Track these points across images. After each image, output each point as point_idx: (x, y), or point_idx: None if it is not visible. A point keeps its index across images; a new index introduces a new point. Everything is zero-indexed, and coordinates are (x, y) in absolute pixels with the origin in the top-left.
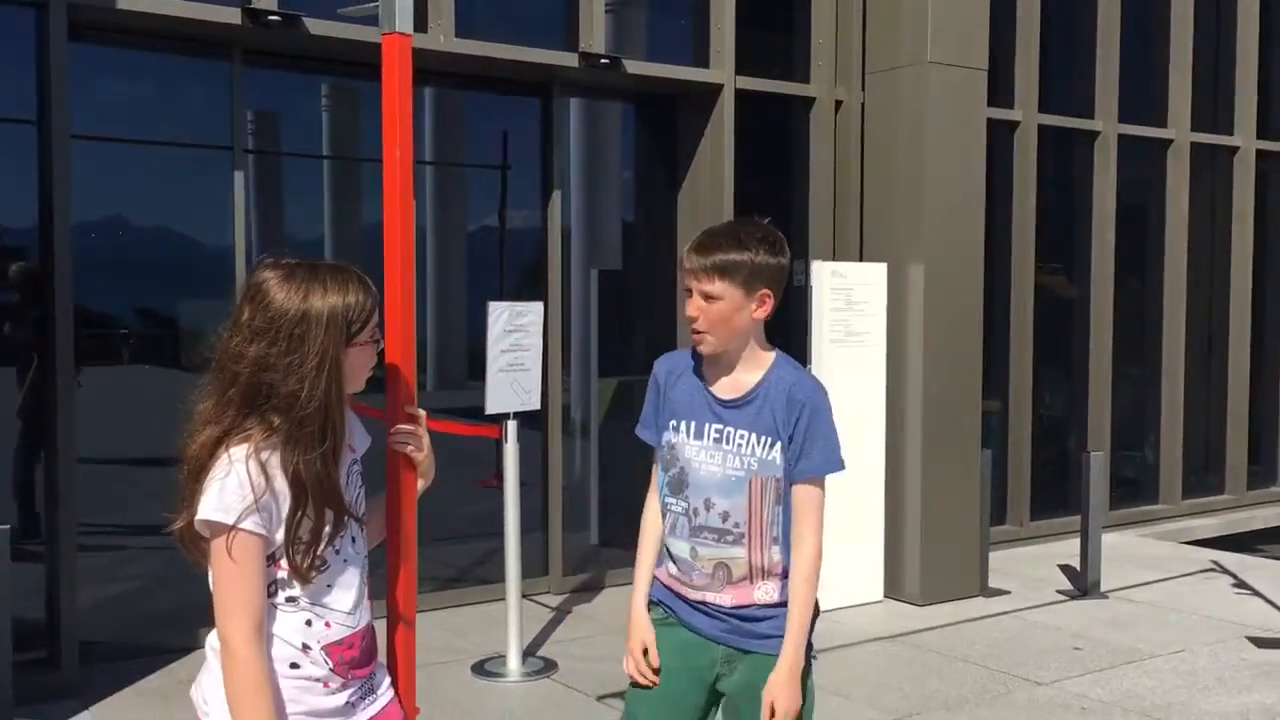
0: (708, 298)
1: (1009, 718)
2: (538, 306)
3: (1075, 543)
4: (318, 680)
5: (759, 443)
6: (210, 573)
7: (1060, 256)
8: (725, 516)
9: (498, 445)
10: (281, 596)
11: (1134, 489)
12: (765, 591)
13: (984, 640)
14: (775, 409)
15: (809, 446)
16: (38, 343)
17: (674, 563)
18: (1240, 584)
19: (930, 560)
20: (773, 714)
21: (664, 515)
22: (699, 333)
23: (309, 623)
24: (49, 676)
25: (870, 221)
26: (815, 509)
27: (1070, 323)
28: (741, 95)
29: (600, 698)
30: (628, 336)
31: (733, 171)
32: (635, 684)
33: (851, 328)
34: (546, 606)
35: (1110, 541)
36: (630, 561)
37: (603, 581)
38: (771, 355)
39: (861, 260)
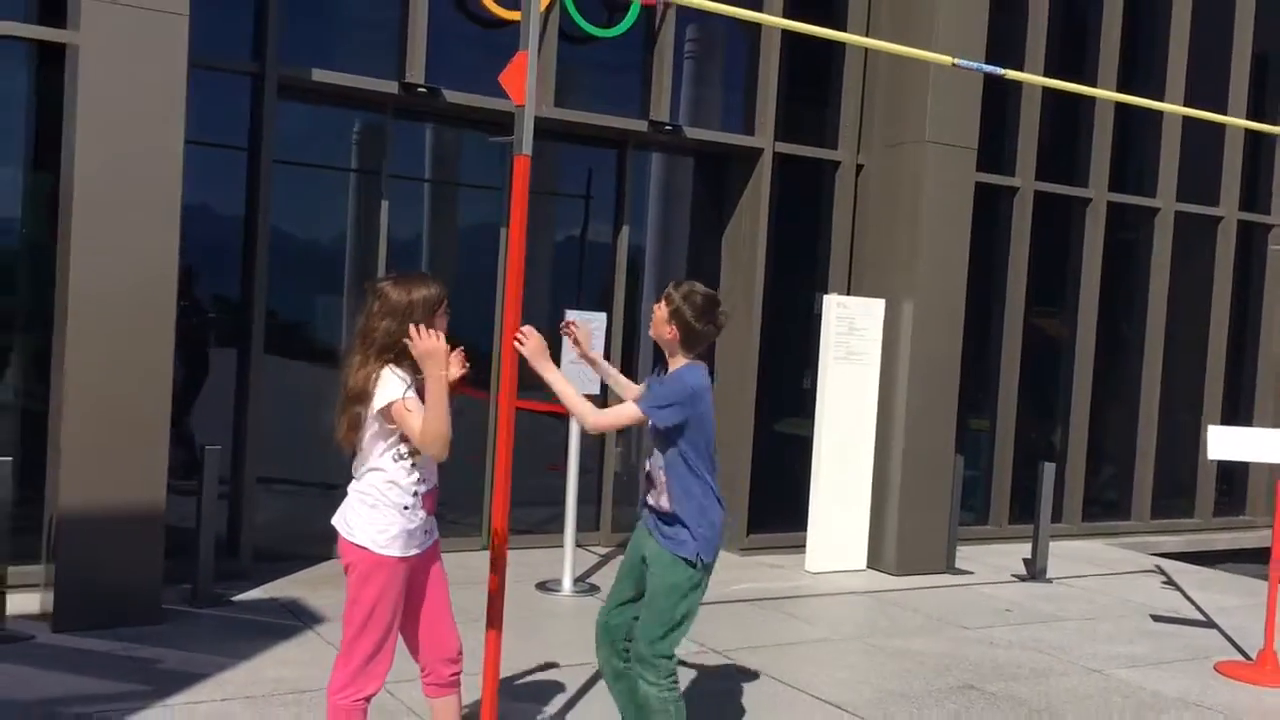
0: (655, 310)
1: (933, 645)
2: (601, 316)
3: (1049, 544)
4: (414, 510)
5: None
6: (381, 441)
7: (1052, 301)
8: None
9: (564, 439)
10: (406, 461)
11: (1110, 506)
12: (661, 502)
13: (936, 600)
14: (655, 382)
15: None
16: (238, 332)
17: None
18: (1170, 583)
19: (906, 540)
20: None
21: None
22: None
23: (417, 479)
24: (232, 565)
25: (874, 264)
26: (624, 412)
27: (1058, 357)
28: (779, 157)
29: None
30: None
31: (768, 219)
32: None
33: (852, 349)
34: (596, 553)
35: (1078, 546)
36: None
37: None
38: (685, 360)
39: (865, 295)
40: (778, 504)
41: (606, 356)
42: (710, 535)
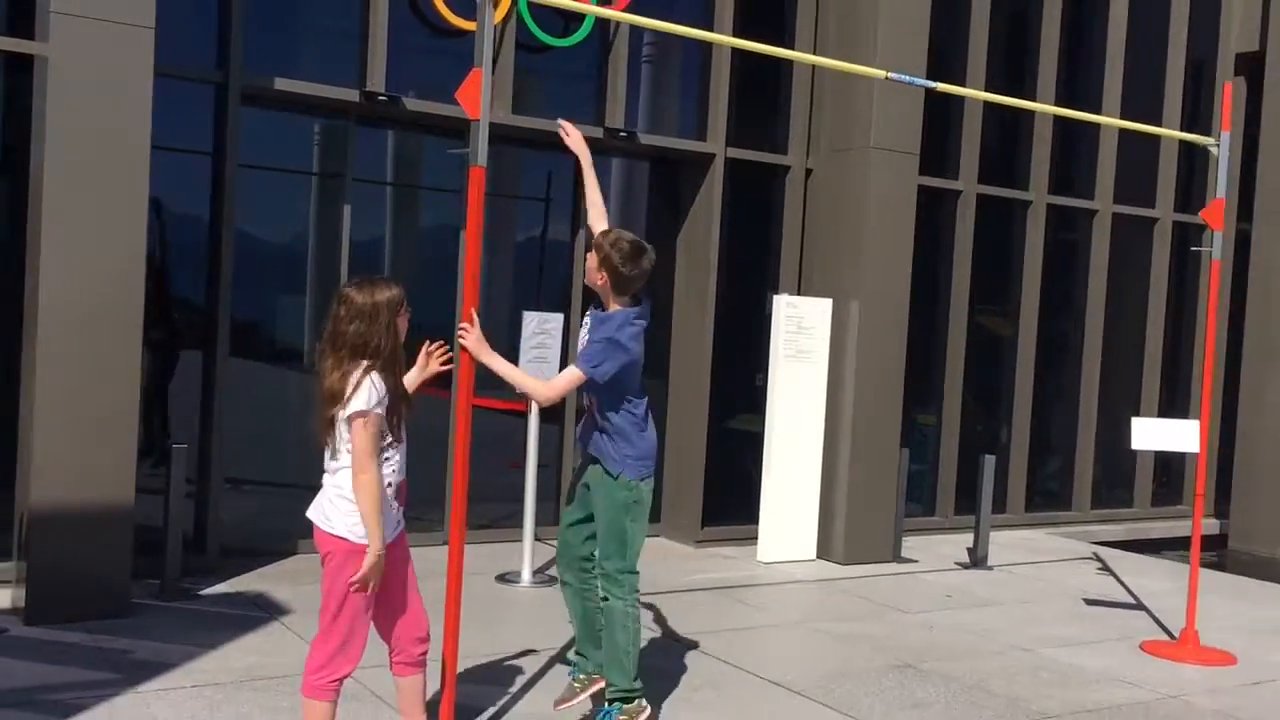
0: (588, 259)
1: (875, 628)
2: (559, 316)
3: (990, 534)
4: (388, 503)
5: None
6: (348, 440)
7: (995, 300)
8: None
9: (525, 438)
10: (382, 455)
11: (1052, 497)
12: (597, 432)
13: (882, 587)
14: (592, 323)
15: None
16: (205, 333)
17: None
18: (1105, 569)
19: (853, 531)
20: None
21: None
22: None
23: (392, 470)
24: (199, 561)
25: (822, 265)
26: (567, 376)
27: (1001, 354)
28: (731, 162)
29: None
30: None
31: (718, 222)
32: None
33: (801, 347)
34: (554, 546)
35: (1021, 535)
36: None
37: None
38: (619, 306)
39: (813, 295)
40: (731, 498)
41: (564, 356)
42: (642, 457)
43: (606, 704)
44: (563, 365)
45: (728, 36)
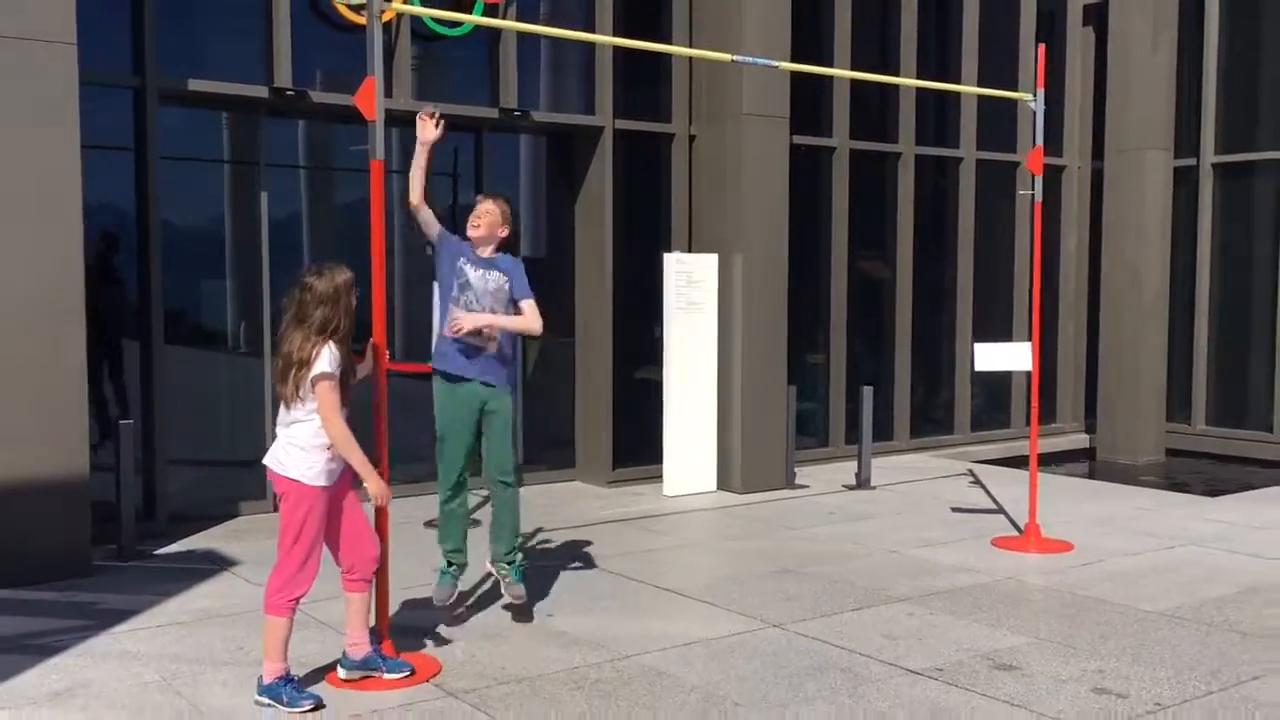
0: (488, 213)
1: (763, 543)
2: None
3: (878, 460)
4: (334, 451)
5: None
6: (311, 400)
7: (874, 245)
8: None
9: None
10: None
11: (936, 423)
12: (492, 351)
13: (773, 510)
14: (506, 268)
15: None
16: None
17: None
18: (977, 482)
19: (749, 462)
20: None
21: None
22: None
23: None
24: (151, 528)
25: (708, 223)
26: (534, 308)
27: (881, 296)
28: (619, 133)
29: None
30: (544, 308)
31: (612, 188)
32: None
33: (691, 298)
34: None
35: (908, 459)
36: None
37: (522, 480)
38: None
39: (701, 252)
40: (638, 441)
41: None
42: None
43: (517, 560)
44: None
45: (606, 36)
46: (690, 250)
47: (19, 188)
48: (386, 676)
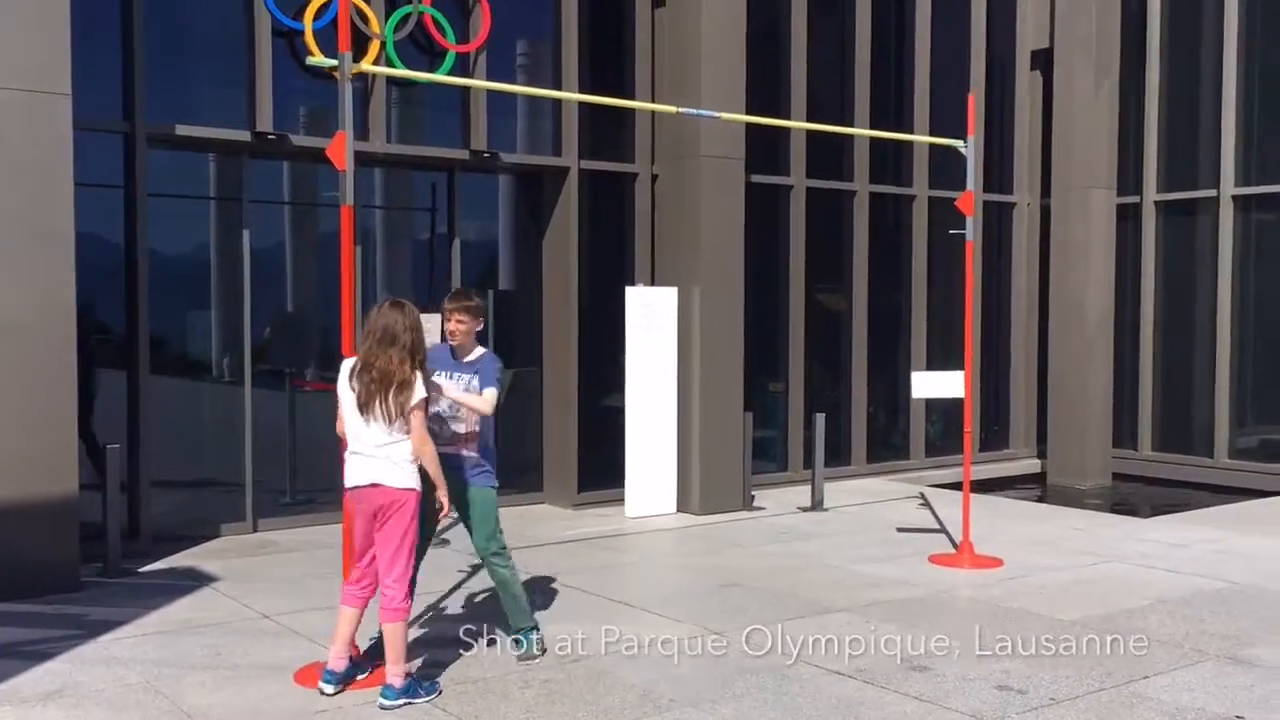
0: (461, 322)
1: (715, 560)
2: (437, 316)
3: (836, 483)
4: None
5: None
6: (407, 416)
7: (830, 278)
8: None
9: None
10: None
11: (892, 449)
12: (471, 449)
13: (729, 531)
14: (479, 368)
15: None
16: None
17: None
18: (925, 504)
19: (707, 485)
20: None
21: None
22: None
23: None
24: (135, 547)
25: (668, 259)
26: (494, 394)
27: (838, 327)
28: (585, 173)
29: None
30: (513, 338)
31: (577, 225)
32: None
33: (652, 329)
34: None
35: (863, 483)
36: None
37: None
38: (481, 348)
39: (662, 286)
40: (602, 465)
41: None
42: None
43: (523, 639)
44: None
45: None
46: (652, 283)
47: (14, 224)
48: (360, 677)
